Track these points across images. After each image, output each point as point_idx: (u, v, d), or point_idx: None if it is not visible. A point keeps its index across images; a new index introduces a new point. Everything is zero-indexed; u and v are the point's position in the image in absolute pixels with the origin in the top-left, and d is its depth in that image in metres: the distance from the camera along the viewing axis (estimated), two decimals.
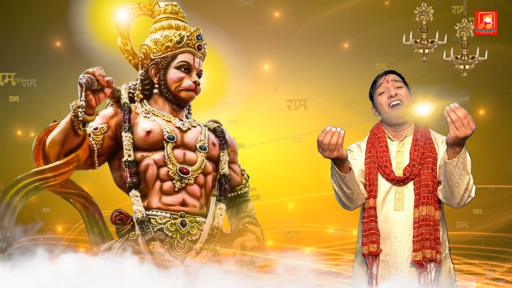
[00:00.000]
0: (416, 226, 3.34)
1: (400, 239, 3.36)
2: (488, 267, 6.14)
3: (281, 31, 6.93)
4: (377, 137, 3.50)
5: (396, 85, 3.49)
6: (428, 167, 3.39)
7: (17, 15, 6.78)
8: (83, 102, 3.36)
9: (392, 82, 3.50)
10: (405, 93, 3.47)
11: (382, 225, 3.39)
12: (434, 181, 3.38)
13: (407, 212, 3.37)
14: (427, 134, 3.47)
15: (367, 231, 3.40)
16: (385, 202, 3.41)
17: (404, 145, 3.47)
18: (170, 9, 3.85)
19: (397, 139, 3.49)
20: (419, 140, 3.43)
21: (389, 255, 3.37)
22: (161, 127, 3.63)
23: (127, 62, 3.87)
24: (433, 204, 3.36)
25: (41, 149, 3.57)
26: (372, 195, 3.41)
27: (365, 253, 3.39)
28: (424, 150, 3.41)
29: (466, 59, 5.56)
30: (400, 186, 3.40)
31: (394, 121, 3.47)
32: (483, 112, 6.76)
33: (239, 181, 3.85)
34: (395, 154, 3.46)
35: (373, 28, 6.83)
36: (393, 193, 3.41)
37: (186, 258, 3.52)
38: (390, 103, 3.46)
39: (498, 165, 6.59)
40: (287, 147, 6.55)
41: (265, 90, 6.88)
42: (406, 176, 3.38)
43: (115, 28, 3.84)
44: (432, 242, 3.33)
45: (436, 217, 3.36)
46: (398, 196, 3.40)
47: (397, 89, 3.47)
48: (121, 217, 3.56)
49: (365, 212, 3.42)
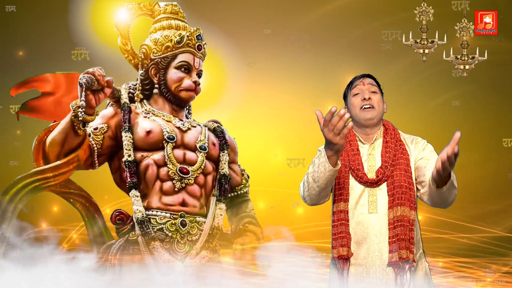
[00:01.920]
0: (392, 227, 3.36)
1: (376, 241, 3.38)
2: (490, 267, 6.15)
3: (281, 30, 6.93)
4: (348, 141, 3.52)
5: (371, 89, 3.53)
6: (400, 168, 3.42)
7: (17, 15, 6.78)
8: (83, 102, 3.36)
9: (368, 86, 3.55)
10: (378, 99, 3.52)
11: (357, 228, 3.40)
12: (407, 181, 3.41)
13: (381, 214, 3.39)
14: (397, 136, 3.52)
15: (337, 234, 3.41)
16: (359, 206, 3.42)
17: (375, 147, 3.50)
18: (170, 9, 3.85)
19: (367, 142, 3.53)
20: (390, 142, 3.48)
21: (366, 259, 3.39)
22: (161, 127, 3.63)
23: (127, 62, 3.87)
24: (407, 204, 3.38)
25: (41, 149, 3.57)
26: (342, 199, 3.43)
27: (335, 257, 3.40)
28: (395, 152, 3.45)
29: (466, 59, 5.56)
30: (373, 188, 3.42)
31: (364, 123, 3.51)
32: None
33: (239, 181, 3.85)
34: (366, 157, 3.49)
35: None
36: (366, 196, 3.43)
37: (186, 258, 3.52)
38: (362, 106, 3.50)
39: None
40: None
41: (265, 90, 6.89)
42: (379, 178, 3.41)
43: (115, 28, 3.83)
44: (406, 242, 3.33)
45: (411, 217, 3.38)
46: (371, 199, 3.41)
47: (371, 93, 3.52)
48: (121, 217, 3.56)
49: (335, 216, 3.44)
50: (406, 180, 3.41)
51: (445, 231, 6.59)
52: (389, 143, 3.48)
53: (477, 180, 6.75)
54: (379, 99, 3.53)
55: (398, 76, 6.79)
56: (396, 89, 6.57)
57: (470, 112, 6.93)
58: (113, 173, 3.69)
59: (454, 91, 6.84)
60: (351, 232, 3.40)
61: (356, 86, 3.56)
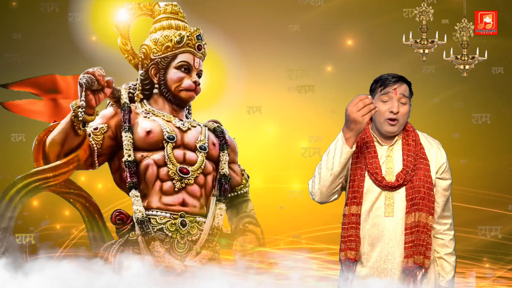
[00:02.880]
0: (408, 232, 3.31)
1: (390, 245, 3.33)
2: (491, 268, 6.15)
3: (280, 30, 6.93)
4: (364, 142, 3.42)
5: (401, 100, 3.39)
6: (420, 173, 3.35)
7: (17, 15, 6.78)
8: (83, 102, 3.36)
9: (399, 96, 3.39)
10: (405, 111, 3.39)
11: (371, 231, 3.35)
12: (426, 186, 3.34)
13: (397, 218, 3.33)
14: (417, 138, 3.42)
15: (347, 237, 3.36)
16: (374, 208, 3.36)
17: (394, 149, 3.41)
18: (170, 9, 3.85)
19: (386, 143, 3.42)
20: (411, 145, 3.39)
21: (378, 262, 3.34)
22: (161, 127, 3.63)
23: (127, 62, 3.87)
24: (425, 210, 3.32)
25: (41, 149, 3.57)
26: (355, 202, 3.36)
27: (342, 259, 3.37)
28: (416, 156, 3.36)
29: (466, 59, 5.56)
30: (390, 192, 3.36)
31: (384, 133, 3.41)
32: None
33: (239, 181, 3.85)
34: (384, 159, 3.39)
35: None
36: (382, 198, 3.35)
37: (186, 258, 3.52)
38: (388, 118, 3.37)
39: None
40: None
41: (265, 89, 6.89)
42: (399, 182, 3.33)
43: (115, 28, 3.84)
44: (423, 248, 3.30)
45: (429, 223, 3.33)
46: (388, 202, 3.34)
47: (400, 105, 3.38)
48: (121, 217, 3.56)
49: (346, 218, 3.37)
50: (426, 185, 3.33)
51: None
52: (410, 146, 3.38)
53: (476, 179, 6.74)
54: (406, 110, 3.39)
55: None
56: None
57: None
58: (113, 173, 3.69)
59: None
60: (366, 234, 3.34)
61: (387, 93, 3.38)
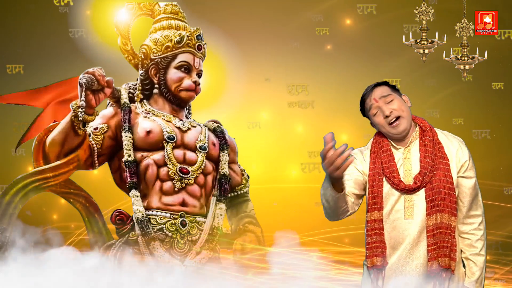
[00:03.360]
0: (431, 234, 3.24)
1: (409, 247, 3.27)
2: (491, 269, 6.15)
3: (280, 30, 6.93)
4: (380, 146, 3.36)
5: (386, 101, 3.33)
6: (440, 173, 3.27)
7: (17, 15, 6.77)
8: (83, 102, 3.36)
9: (381, 100, 3.33)
10: (399, 105, 3.33)
11: (392, 234, 3.29)
12: (446, 187, 3.26)
13: (417, 220, 3.26)
14: (435, 137, 3.34)
15: (371, 244, 3.30)
16: (394, 211, 3.30)
17: (411, 151, 3.34)
18: (170, 9, 3.85)
19: (402, 146, 3.36)
20: (428, 145, 3.30)
21: (397, 264, 3.29)
22: (161, 127, 3.62)
23: (127, 62, 3.87)
24: (447, 211, 3.24)
25: (41, 149, 3.57)
26: (376, 208, 3.30)
27: (369, 266, 3.30)
28: (434, 156, 3.28)
29: (466, 59, 5.56)
30: (409, 195, 3.28)
31: (398, 137, 3.35)
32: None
33: (239, 181, 3.85)
34: (401, 162, 3.33)
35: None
36: (402, 202, 3.29)
37: (186, 258, 3.52)
38: (389, 122, 3.31)
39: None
40: None
41: (264, 89, 6.89)
42: (417, 185, 3.26)
43: (115, 28, 3.83)
44: (447, 250, 3.23)
45: (452, 224, 3.25)
46: (407, 205, 3.28)
47: (389, 105, 3.31)
48: (121, 217, 3.56)
49: (369, 225, 3.32)
50: (446, 185, 3.25)
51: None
52: (428, 147, 3.28)
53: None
54: (399, 103, 3.32)
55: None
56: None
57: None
58: (113, 173, 3.69)
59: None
60: (387, 237, 3.29)
61: (371, 106, 3.33)
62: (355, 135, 6.50)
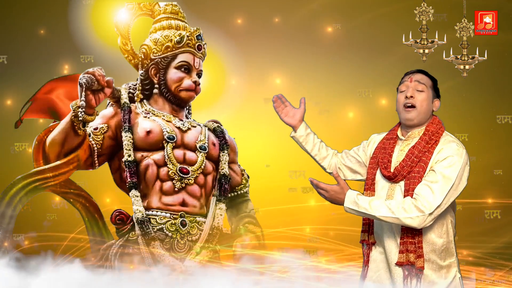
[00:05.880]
0: (404, 227, 3.29)
1: (388, 235, 3.37)
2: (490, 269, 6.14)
3: (280, 30, 6.93)
4: (392, 133, 3.52)
5: (417, 88, 3.41)
6: (417, 171, 3.32)
7: (17, 15, 6.78)
8: (83, 102, 3.36)
9: (414, 83, 3.42)
10: (423, 99, 3.40)
11: (376, 221, 3.43)
12: (416, 183, 3.30)
13: None
14: (435, 141, 3.37)
15: (364, 220, 3.50)
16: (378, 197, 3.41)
17: (409, 145, 3.41)
18: (170, 9, 3.85)
19: (404, 137, 3.46)
20: (420, 145, 3.36)
21: (381, 252, 3.43)
22: (161, 127, 3.63)
23: (127, 62, 3.87)
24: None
25: (41, 149, 3.57)
26: (367, 188, 3.47)
27: (360, 240, 3.52)
28: (421, 154, 3.34)
29: (466, 59, 5.56)
30: (393, 183, 3.38)
31: (404, 122, 3.45)
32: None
33: (239, 181, 3.85)
34: (398, 153, 3.42)
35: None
36: (386, 189, 3.39)
37: (186, 258, 3.52)
38: (405, 104, 3.41)
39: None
40: None
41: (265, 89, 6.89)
42: (394, 174, 3.36)
43: (115, 28, 3.84)
44: (413, 246, 3.28)
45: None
46: (389, 193, 3.38)
47: (417, 92, 3.40)
48: (121, 217, 3.56)
49: None
50: (417, 183, 3.30)
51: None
52: (420, 145, 3.35)
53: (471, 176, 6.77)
54: (424, 98, 3.39)
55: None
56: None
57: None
58: (113, 173, 3.69)
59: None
60: (376, 221, 3.43)
61: (403, 82, 3.46)
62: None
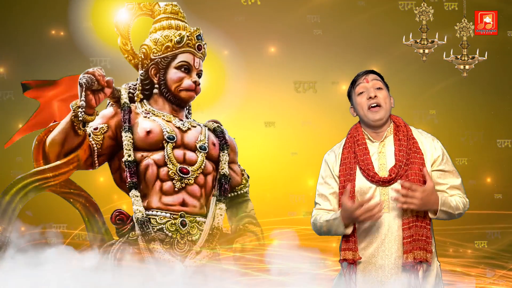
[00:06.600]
0: (406, 227, 3.28)
1: (387, 241, 3.31)
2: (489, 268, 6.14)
3: (280, 30, 6.94)
4: (355, 140, 3.42)
5: (376, 86, 3.42)
6: (415, 167, 3.32)
7: (18, 15, 6.78)
8: (83, 102, 3.36)
9: (372, 82, 3.42)
10: (384, 96, 3.41)
11: (368, 228, 3.32)
12: (421, 181, 3.30)
13: (393, 213, 3.31)
14: (409, 133, 3.40)
15: (344, 237, 3.35)
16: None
17: (385, 145, 3.39)
18: (170, 9, 3.85)
19: (377, 140, 3.41)
20: (402, 140, 3.37)
21: (375, 257, 3.32)
22: (161, 127, 3.63)
23: (127, 62, 3.87)
24: None
25: (41, 149, 3.57)
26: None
27: (341, 259, 3.35)
28: (409, 150, 3.34)
29: (466, 59, 5.56)
30: (385, 187, 3.33)
31: (372, 123, 3.41)
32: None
33: (239, 181, 3.85)
34: (376, 156, 3.37)
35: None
36: (377, 195, 3.32)
37: (186, 258, 3.52)
38: (369, 105, 3.39)
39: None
40: None
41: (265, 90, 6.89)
42: (392, 177, 3.31)
43: (115, 28, 3.84)
44: (423, 242, 3.27)
45: (427, 217, 3.30)
46: (383, 198, 3.31)
47: (377, 90, 3.40)
48: (121, 217, 3.56)
49: None
50: (419, 179, 3.30)
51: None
52: (402, 141, 3.35)
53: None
54: (385, 95, 3.41)
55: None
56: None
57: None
58: (113, 173, 3.69)
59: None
60: (363, 231, 3.33)
61: (359, 84, 3.43)
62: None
